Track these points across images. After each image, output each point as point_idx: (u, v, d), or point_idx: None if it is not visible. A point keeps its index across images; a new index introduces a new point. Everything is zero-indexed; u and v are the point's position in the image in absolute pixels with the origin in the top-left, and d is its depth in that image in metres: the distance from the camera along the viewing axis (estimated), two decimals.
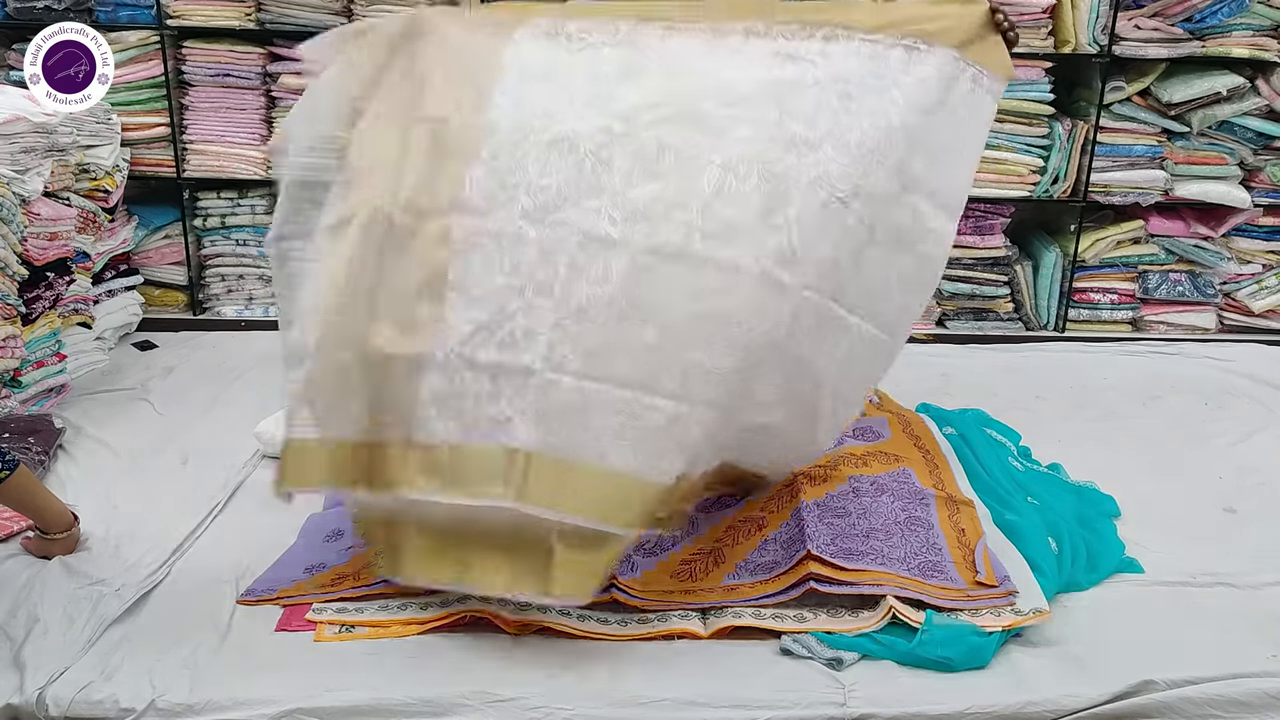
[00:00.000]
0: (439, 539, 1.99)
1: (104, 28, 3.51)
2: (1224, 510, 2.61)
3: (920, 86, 2.01)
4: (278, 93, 3.79)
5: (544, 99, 1.99)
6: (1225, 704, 1.90)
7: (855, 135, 1.96)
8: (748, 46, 2.03)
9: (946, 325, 4.06)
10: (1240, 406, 3.31)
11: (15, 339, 2.86)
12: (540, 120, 1.97)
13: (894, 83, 2.00)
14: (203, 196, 3.91)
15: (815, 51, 2.01)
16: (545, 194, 1.93)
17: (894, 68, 2.00)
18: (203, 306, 4.01)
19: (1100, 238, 3.98)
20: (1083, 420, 3.17)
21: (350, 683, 1.87)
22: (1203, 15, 3.72)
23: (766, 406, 2.08)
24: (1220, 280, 4.07)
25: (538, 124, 1.97)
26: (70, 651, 1.93)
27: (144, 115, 3.78)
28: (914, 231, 2.08)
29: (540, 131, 1.96)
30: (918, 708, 1.87)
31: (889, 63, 2.00)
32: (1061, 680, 1.93)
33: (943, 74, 2.02)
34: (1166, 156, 3.89)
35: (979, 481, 2.54)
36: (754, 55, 2.02)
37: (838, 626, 2.02)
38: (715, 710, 1.85)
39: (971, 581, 2.11)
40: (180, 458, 2.75)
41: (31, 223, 2.95)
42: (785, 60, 2.01)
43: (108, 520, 2.39)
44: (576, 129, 1.96)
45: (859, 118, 1.97)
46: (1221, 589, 2.25)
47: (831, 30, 2.03)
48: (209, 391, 3.23)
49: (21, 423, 2.79)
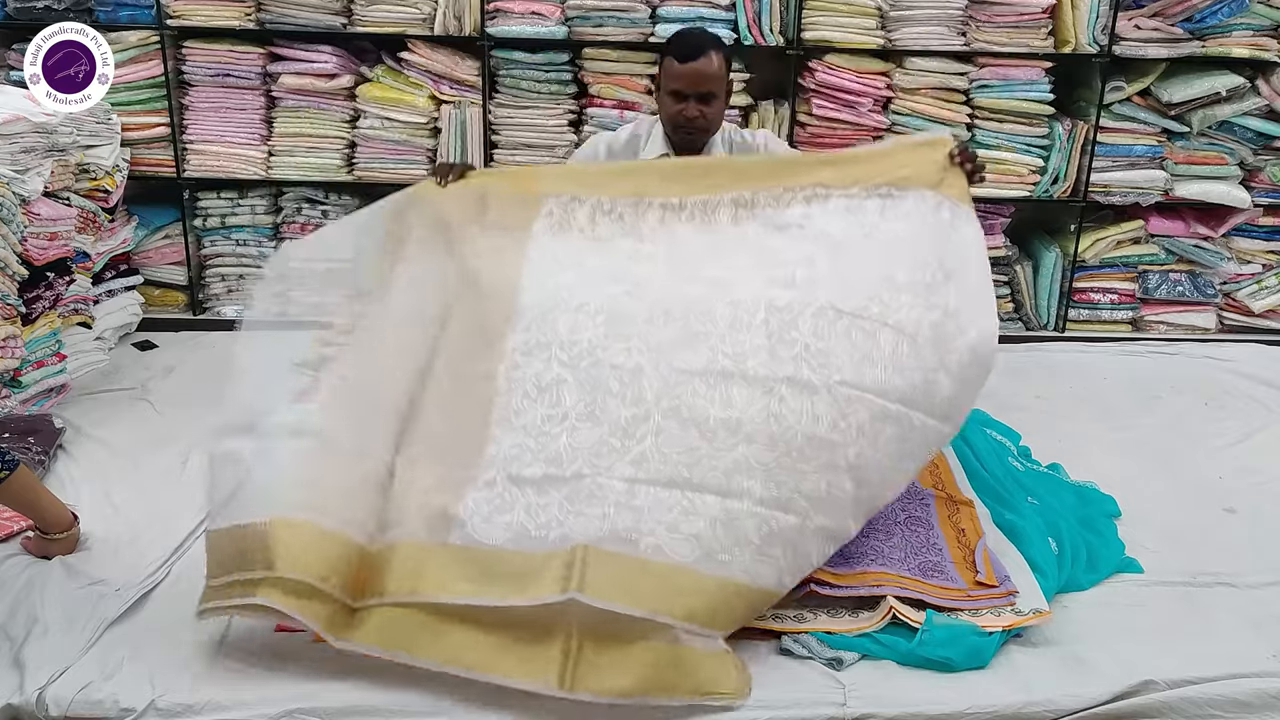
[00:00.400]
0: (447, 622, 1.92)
1: (104, 28, 3.51)
2: (1224, 510, 2.61)
3: (903, 219, 2.25)
4: (278, 93, 3.79)
5: (566, 279, 2.23)
6: (1225, 704, 1.90)
7: (852, 270, 2.19)
8: (738, 222, 2.29)
9: None
10: (1240, 406, 3.31)
11: (15, 339, 2.86)
12: (565, 293, 2.21)
13: (874, 227, 2.24)
14: (203, 196, 3.91)
15: (799, 216, 2.28)
16: (577, 346, 2.14)
17: (872, 217, 2.25)
18: (203, 306, 4.01)
19: (1100, 238, 3.98)
20: (1083, 420, 3.18)
21: (350, 683, 1.87)
22: (1203, 15, 3.72)
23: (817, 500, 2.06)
24: (1220, 280, 4.07)
25: (564, 295, 2.20)
26: (70, 651, 1.93)
27: (144, 115, 3.78)
28: (948, 328, 2.16)
29: (566, 302, 2.20)
30: (918, 708, 1.87)
31: (867, 213, 2.26)
32: (1061, 680, 1.93)
33: (920, 207, 2.26)
34: (1166, 156, 3.90)
35: (979, 481, 2.54)
36: (746, 229, 2.28)
37: (838, 626, 2.02)
38: (715, 712, 1.84)
39: (972, 581, 2.11)
40: (180, 458, 2.75)
41: (31, 223, 2.95)
42: (774, 230, 2.27)
43: (108, 520, 2.40)
44: (598, 296, 2.20)
45: (852, 257, 2.20)
46: (1221, 589, 2.25)
47: (811, 191, 2.29)
48: (209, 391, 3.22)
49: (21, 423, 2.79)
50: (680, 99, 2.52)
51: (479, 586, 1.90)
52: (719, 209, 2.31)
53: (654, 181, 2.37)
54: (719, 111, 2.58)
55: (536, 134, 3.81)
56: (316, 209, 3.93)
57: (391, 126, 3.80)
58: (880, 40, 3.74)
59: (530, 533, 1.95)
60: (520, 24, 3.67)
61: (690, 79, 2.50)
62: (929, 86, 3.79)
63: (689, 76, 2.49)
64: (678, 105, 2.53)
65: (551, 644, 1.85)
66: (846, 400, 2.05)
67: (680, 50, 2.51)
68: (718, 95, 2.55)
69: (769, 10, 3.68)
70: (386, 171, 3.87)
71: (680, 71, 2.50)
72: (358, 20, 3.71)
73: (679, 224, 2.30)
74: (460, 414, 2.12)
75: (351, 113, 3.83)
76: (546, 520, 1.96)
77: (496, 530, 1.96)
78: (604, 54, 3.74)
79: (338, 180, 3.88)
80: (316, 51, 3.74)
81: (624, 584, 1.87)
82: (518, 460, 2.03)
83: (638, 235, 2.29)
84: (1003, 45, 3.75)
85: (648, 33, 3.70)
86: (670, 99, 2.54)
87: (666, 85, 2.55)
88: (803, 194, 2.30)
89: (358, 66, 3.83)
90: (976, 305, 2.20)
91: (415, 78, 3.76)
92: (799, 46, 3.74)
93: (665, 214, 2.32)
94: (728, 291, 2.17)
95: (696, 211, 2.31)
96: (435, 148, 3.83)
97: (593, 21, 3.69)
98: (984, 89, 3.81)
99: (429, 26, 3.69)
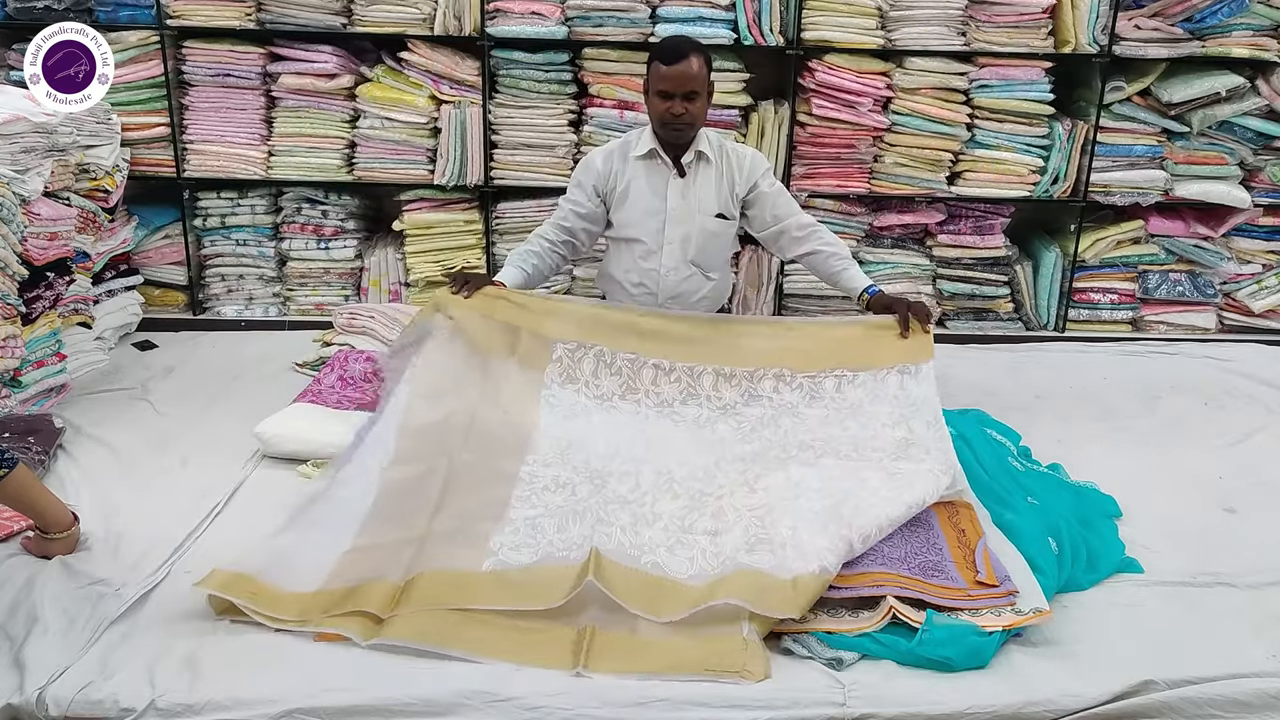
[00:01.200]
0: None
1: (104, 28, 3.52)
2: (1224, 510, 2.62)
3: (859, 388, 2.70)
4: (278, 93, 3.79)
5: (573, 428, 2.62)
6: (1225, 704, 1.90)
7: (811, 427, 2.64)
8: (718, 389, 2.76)
9: (946, 325, 4.07)
10: (1240, 406, 3.31)
11: (15, 339, 2.86)
12: (574, 438, 2.59)
13: (830, 399, 2.71)
14: (203, 196, 3.91)
15: (769, 389, 2.75)
16: (586, 469, 2.51)
17: (829, 392, 2.73)
18: (203, 306, 4.01)
19: (1100, 238, 3.98)
20: (1083, 420, 3.18)
21: (350, 683, 1.87)
22: (1203, 15, 3.72)
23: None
24: (1220, 280, 4.07)
25: (574, 439, 2.58)
26: (70, 651, 1.93)
27: (144, 115, 3.79)
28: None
29: (575, 445, 2.56)
30: (918, 708, 1.87)
31: (825, 390, 2.74)
32: (1061, 680, 1.93)
33: (870, 381, 2.71)
34: (1166, 156, 3.90)
35: (979, 481, 2.54)
36: (724, 395, 2.76)
37: (838, 626, 2.02)
38: (715, 710, 1.85)
39: (972, 581, 2.11)
40: (180, 458, 2.75)
41: (31, 223, 2.95)
42: (752, 399, 2.75)
43: (108, 520, 2.39)
44: (600, 444, 2.58)
45: (814, 420, 2.67)
46: (1221, 589, 2.25)
47: (779, 370, 2.77)
48: (209, 391, 3.23)
49: (21, 423, 2.79)
50: (666, 98, 2.85)
51: (515, 594, 2.09)
52: (703, 376, 2.77)
53: (649, 344, 2.81)
54: (702, 109, 2.91)
55: (536, 134, 3.81)
56: (316, 209, 3.93)
57: (391, 126, 3.80)
58: (880, 40, 3.74)
59: (555, 554, 2.20)
60: (520, 24, 3.67)
61: (675, 80, 2.83)
62: (929, 86, 3.79)
63: (674, 78, 2.83)
64: (664, 104, 2.86)
65: (566, 633, 2.01)
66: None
67: (665, 54, 2.84)
68: (700, 94, 2.87)
69: (769, 10, 3.68)
70: (386, 171, 3.87)
71: (666, 73, 2.83)
72: (358, 20, 3.71)
73: (668, 383, 2.76)
74: (484, 493, 2.40)
75: (351, 113, 3.83)
76: (567, 544, 2.22)
77: (524, 556, 2.20)
78: (604, 54, 3.75)
79: (338, 180, 3.88)
80: (316, 51, 3.74)
81: (631, 589, 2.09)
82: (536, 522, 2.32)
83: (634, 390, 2.75)
84: (1003, 45, 3.76)
85: (648, 33, 3.70)
86: (658, 99, 2.87)
87: (654, 86, 2.89)
88: (772, 372, 2.77)
89: (358, 66, 3.83)
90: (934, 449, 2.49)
91: (415, 78, 3.77)
92: (799, 46, 3.74)
93: (657, 374, 2.77)
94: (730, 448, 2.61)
95: (683, 375, 2.77)
96: (435, 148, 3.83)
97: (593, 21, 3.69)
98: (984, 89, 3.81)
99: (429, 26, 3.69)
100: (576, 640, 1.98)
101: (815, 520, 2.22)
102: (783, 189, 3.11)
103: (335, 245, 3.94)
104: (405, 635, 1.97)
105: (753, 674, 1.91)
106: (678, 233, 3.03)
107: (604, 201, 3.06)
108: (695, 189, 3.01)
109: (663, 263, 3.05)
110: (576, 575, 2.08)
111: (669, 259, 3.05)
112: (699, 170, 3.01)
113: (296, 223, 3.93)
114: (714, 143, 3.02)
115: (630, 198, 3.03)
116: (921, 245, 4.06)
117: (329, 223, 3.93)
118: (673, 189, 3.01)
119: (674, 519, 2.33)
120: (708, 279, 3.12)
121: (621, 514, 2.33)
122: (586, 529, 2.26)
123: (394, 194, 3.95)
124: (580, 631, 2.00)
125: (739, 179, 3.03)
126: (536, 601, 2.05)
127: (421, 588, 2.09)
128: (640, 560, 2.18)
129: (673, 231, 3.03)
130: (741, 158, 3.05)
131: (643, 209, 3.03)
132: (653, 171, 3.01)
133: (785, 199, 3.08)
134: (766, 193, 3.04)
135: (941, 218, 3.97)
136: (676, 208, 3.01)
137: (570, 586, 2.05)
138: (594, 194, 3.05)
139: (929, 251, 4.03)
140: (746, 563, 2.14)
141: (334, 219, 3.93)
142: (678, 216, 3.02)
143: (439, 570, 2.14)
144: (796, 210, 3.08)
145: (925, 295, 4.02)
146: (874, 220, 3.98)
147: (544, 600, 2.05)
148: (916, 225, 4.00)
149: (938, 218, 3.97)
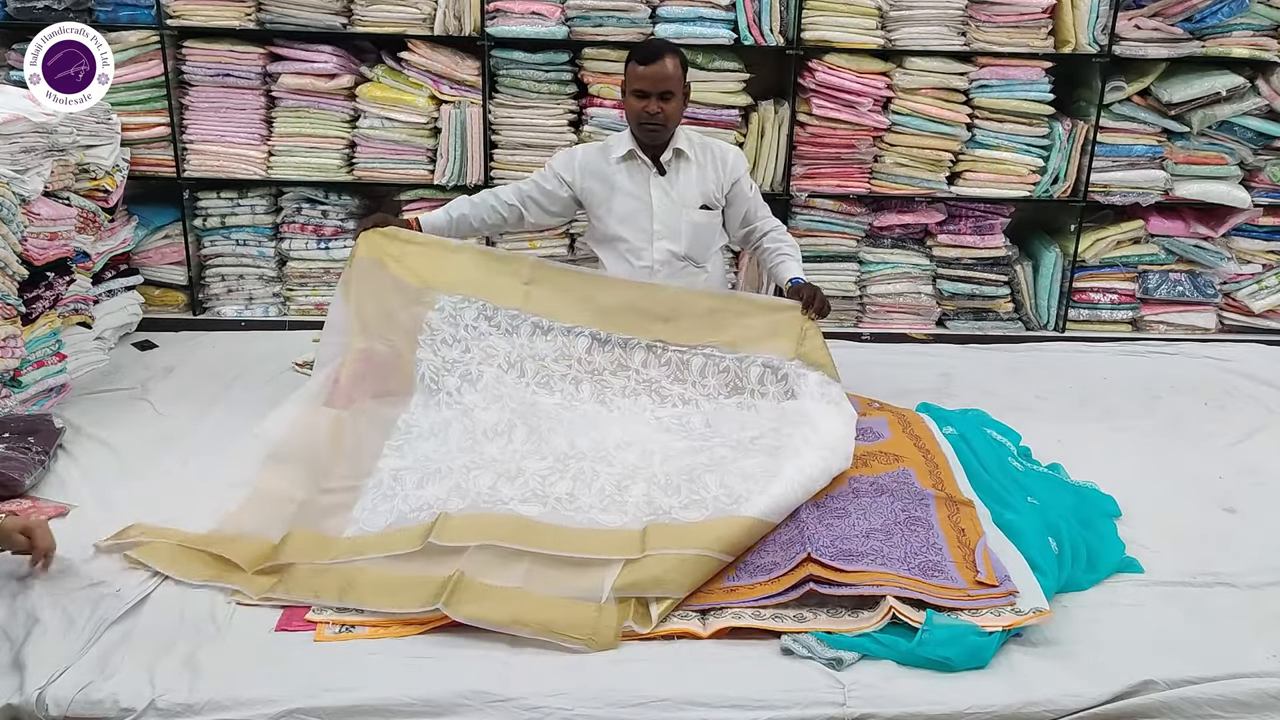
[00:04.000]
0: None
1: (104, 28, 3.52)
2: (1224, 510, 2.61)
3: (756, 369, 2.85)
4: (278, 93, 3.79)
5: (448, 381, 2.77)
6: (1225, 704, 1.90)
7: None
8: (646, 365, 2.87)
9: (946, 325, 4.07)
10: (1240, 406, 3.31)
11: (15, 339, 2.86)
12: (450, 389, 2.78)
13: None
14: (203, 196, 3.91)
15: (638, 362, 2.86)
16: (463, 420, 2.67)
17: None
18: (203, 306, 4.01)
19: (1100, 238, 3.98)
20: (1083, 420, 3.18)
21: (350, 683, 1.87)
22: (1203, 15, 3.72)
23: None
24: (1220, 280, 4.07)
25: (450, 389, 2.77)
26: (70, 651, 1.93)
27: (144, 115, 3.79)
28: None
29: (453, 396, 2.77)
30: (918, 708, 1.87)
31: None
32: (1061, 680, 1.93)
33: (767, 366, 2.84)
34: (1166, 156, 3.90)
35: (979, 481, 2.54)
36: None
37: (838, 626, 2.02)
38: (715, 710, 1.85)
39: (972, 581, 2.11)
40: (180, 458, 2.75)
41: (31, 223, 2.95)
42: (620, 369, 2.87)
43: (108, 520, 2.39)
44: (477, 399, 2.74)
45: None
46: (1221, 589, 2.25)
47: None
48: (209, 391, 3.23)
49: (21, 423, 2.79)
50: (643, 97, 2.93)
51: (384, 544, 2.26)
52: (578, 339, 2.87)
53: (531, 301, 2.90)
54: (677, 109, 2.99)
55: (536, 134, 3.81)
56: (316, 209, 3.93)
57: (391, 126, 3.80)
58: (880, 40, 3.75)
59: (408, 515, 2.32)
60: (520, 24, 3.67)
61: (651, 80, 2.91)
62: (929, 86, 3.79)
63: (650, 78, 2.91)
64: (641, 103, 2.94)
65: (437, 578, 2.11)
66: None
67: (641, 56, 2.93)
68: (675, 94, 2.95)
69: (769, 10, 3.68)
70: (386, 171, 3.87)
71: (642, 73, 2.92)
72: (358, 20, 3.71)
73: (543, 342, 2.86)
74: (367, 443, 2.57)
75: (351, 113, 3.83)
76: (420, 504, 2.35)
77: (380, 519, 2.34)
78: (604, 54, 3.75)
79: (338, 180, 3.88)
80: (316, 51, 3.74)
81: (489, 527, 2.23)
82: (398, 475, 2.46)
83: (511, 344, 2.85)
84: (1003, 45, 3.76)
85: (648, 33, 3.70)
86: (634, 98, 2.95)
87: (630, 86, 2.97)
88: (644, 343, 2.88)
89: (358, 66, 3.83)
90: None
91: (415, 78, 3.77)
92: (799, 46, 3.74)
93: (535, 331, 2.87)
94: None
95: (559, 335, 2.88)
96: (435, 147, 3.83)
97: (593, 21, 3.70)
98: (984, 89, 3.81)
99: (429, 26, 3.70)
100: (443, 583, 2.07)
101: (669, 483, 2.40)
102: (758, 192, 3.23)
103: (335, 245, 3.94)
104: (298, 593, 2.12)
105: (596, 643, 1.99)
106: (665, 229, 3.08)
107: (575, 196, 3.12)
108: (678, 185, 3.08)
109: (654, 259, 3.09)
110: (420, 535, 2.21)
111: (659, 255, 3.09)
112: (679, 167, 3.08)
113: (296, 223, 3.94)
114: (694, 140, 3.11)
115: (614, 199, 3.08)
116: (921, 245, 4.06)
117: (329, 223, 3.93)
118: (655, 187, 3.07)
119: (535, 476, 2.43)
120: (700, 269, 3.17)
121: (483, 477, 2.42)
122: (443, 491, 2.37)
123: (394, 194, 3.95)
124: (449, 576, 2.09)
125: (722, 172, 3.12)
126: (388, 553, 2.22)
127: (290, 544, 2.23)
128: (497, 508, 2.31)
129: (660, 228, 3.08)
130: (724, 152, 3.14)
131: (628, 209, 3.08)
132: (634, 171, 3.08)
133: (759, 202, 3.22)
134: (746, 194, 3.16)
135: (941, 218, 3.97)
136: (661, 204, 3.07)
137: (414, 545, 2.20)
138: (562, 182, 3.11)
139: (929, 251, 4.03)
140: (602, 521, 2.28)
141: (334, 219, 3.94)
142: (663, 213, 3.08)
143: (306, 531, 2.29)
144: (768, 214, 3.24)
145: (925, 295, 4.02)
146: (874, 220, 3.98)
147: (395, 550, 2.22)
148: (916, 225, 4.00)
149: (938, 218, 3.97)
